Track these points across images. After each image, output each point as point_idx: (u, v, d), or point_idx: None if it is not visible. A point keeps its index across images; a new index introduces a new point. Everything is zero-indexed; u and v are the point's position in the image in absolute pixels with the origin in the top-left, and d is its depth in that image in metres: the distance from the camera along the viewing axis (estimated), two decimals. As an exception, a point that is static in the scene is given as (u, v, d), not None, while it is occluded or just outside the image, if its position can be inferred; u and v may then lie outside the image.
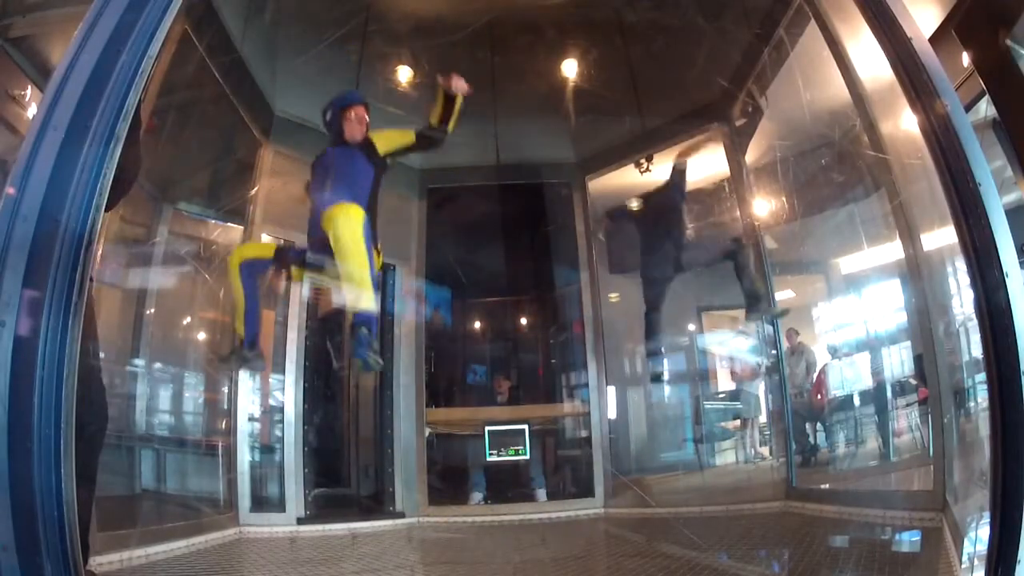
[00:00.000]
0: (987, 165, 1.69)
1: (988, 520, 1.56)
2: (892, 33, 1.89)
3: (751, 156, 4.68)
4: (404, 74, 4.60)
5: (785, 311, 4.31)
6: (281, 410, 4.25)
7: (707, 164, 5.11)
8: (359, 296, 2.38)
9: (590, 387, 4.90)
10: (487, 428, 4.62)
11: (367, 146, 2.87)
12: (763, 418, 5.34)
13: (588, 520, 4.42)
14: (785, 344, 4.58)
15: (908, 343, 4.00)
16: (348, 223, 2.38)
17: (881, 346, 4.43)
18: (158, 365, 4.05)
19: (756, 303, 3.88)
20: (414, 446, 4.61)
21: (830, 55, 3.26)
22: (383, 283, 4.55)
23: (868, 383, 4.68)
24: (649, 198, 4.30)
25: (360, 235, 2.40)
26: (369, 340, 2.43)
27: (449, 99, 2.89)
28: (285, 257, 2.80)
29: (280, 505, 4.07)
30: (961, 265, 1.76)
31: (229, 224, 4.38)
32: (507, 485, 4.74)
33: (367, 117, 2.91)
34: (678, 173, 4.03)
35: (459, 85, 2.88)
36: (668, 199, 4.15)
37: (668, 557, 3.14)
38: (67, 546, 1.26)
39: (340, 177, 2.72)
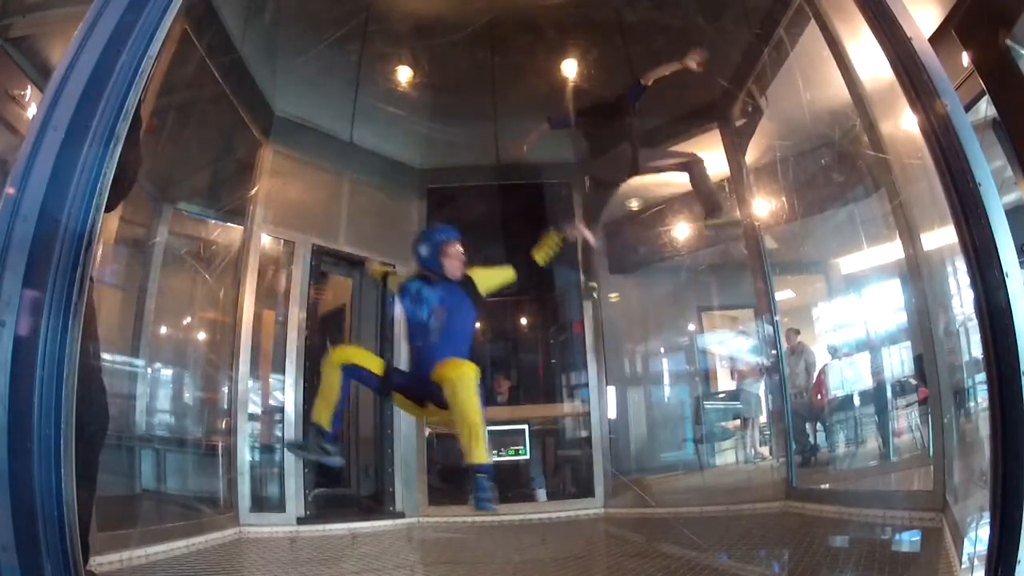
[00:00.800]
0: (987, 165, 1.69)
1: (988, 520, 1.56)
2: (892, 33, 1.89)
3: (751, 156, 4.68)
4: (404, 74, 4.61)
5: (739, 221, 4.16)
6: (281, 410, 4.25)
7: (707, 164, 5.10)
8: (476, 451, 2.58)
9: (590, 387, 4.91)
10: (487, 428, 4.61)
11: (468, 284, 2.90)
12: (763, 418, 5.34)
13: (588, 520, 4.42)
14: (784, 344, 4.58)
15: (908, 343, 4.00)
16: (464, 384, 2.52)
17: (881, 346, 4.43)
18: (158, 365, 4.05)
19: (713, 212, 3.74)
20: (414, 446, 4.61)
21: (830, 55, 3.25)
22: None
23: (868, 383, 4.68)
24: (599, 105, 3.99)
25: (476, 393, 2.54)
26: (488, 487, 2.61)
27: (558, 243, 3.10)
28: (390, 380, 2.82)
29: (280, 505, 4.07)
30: (961, 265, 1.76)
31: (229, 224, 4.38)
32: (507, 485, 4.74)
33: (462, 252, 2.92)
34: (638, 86, 3.76)
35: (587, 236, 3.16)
36: (619, 107, 3.78)
37: (668, 557, 3.14)
38: (67, 546, 1.26)
39: (449, 321, 2.79)
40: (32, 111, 2.92)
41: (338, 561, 3.42)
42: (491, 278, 2.99)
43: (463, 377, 2.52)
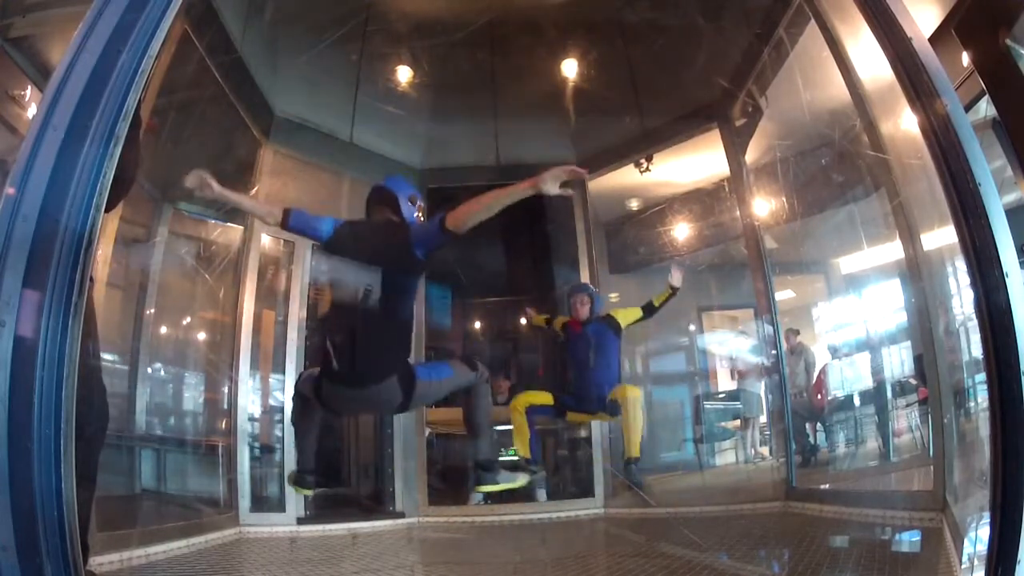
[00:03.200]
0: (987, 165, 1.69)
1: (988, 520, 1.56)
2: (892, 33, 1.88)
3: (751, 156, 4.68)
4: (404, 74, 4.60)
5: None
6: (281, 410, 4.25)
7: (707, 164, 5.11)
8: (634, 447, 3.49)
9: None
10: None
11: (611, 322, 3.80)
12: (763, 418, 5.34)
13: (588, 520, 4.42)
14: (784, 344, 4.58)
15: (908, 343, 4.00)
16: (637, 403, 3.51)
17: (881, 346, 4.43)
18: (158, 365, 4.05)
19: None
20: (414, 446, 4.61)
21: (830, 55, 3.25)
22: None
23: (868, 383, 4.68)
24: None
25: (642, 408, 3.58)
26: (637, 473, 3.62)
27: (674, 291, 3.82)
28: (562, 404, 3.69)
29: (280, 505, 4.07)
30: (961, 265, 1.76)
31: (229, 224, 4.37)
32: (507, 485, 4.73)
33: (589, 301, 3.83)
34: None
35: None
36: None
37: (668, 557, 3.14)
38: (67, 546, 1.25)
39: (605, 353, 3.72)
40: (32, 111, 2.91)
41: (338, 561, 3.42)
42: (629, 317, 3.87)
43: (636, 399, 3.53)
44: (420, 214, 2.63)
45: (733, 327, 5.87)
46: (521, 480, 2.99)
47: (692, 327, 5.92)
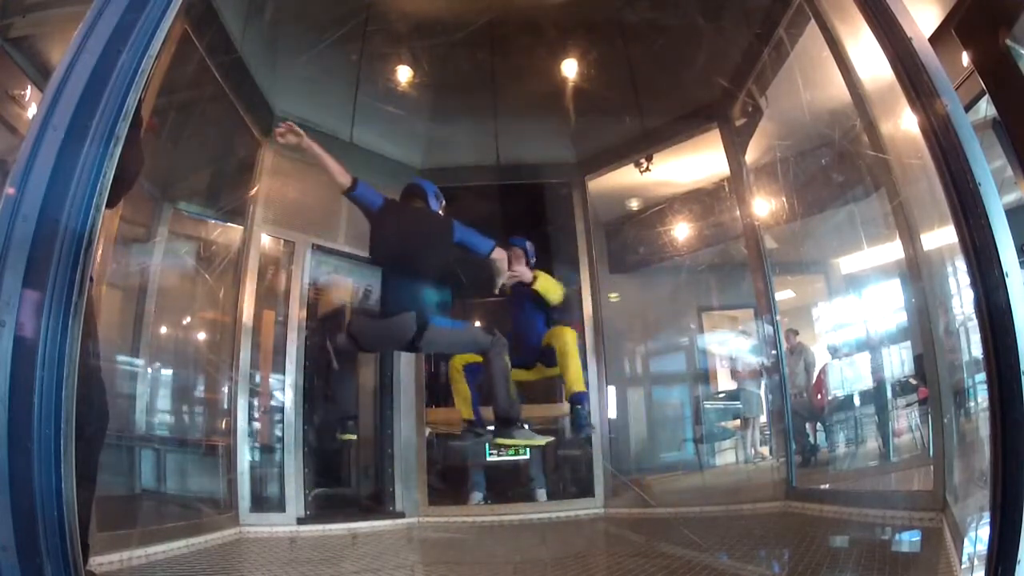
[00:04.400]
0: (987, 165, 1.69)
1: (988, 520, 1.56)
2: (892, 33, 1.89)
3: (751, 156, 4.68)
4: (404, 74, 4.61)
5: None
6: (281, 410, 4.25)
7: (707, 164, 5.11)
8: (576, 382, 3.38)
9: (590, 387, 4.89)
10: (487, 428, 4.62)
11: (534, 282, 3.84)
12: (763, 418, 5.34)
13: (588, 520, 4.42)
14: (784, 344, 4.58)
15: (908, 343, 4.00)
16: (568, 336, 3.45)
17: (881, 346, 4.44)
18: (158, 365, 4.05)
19: None
20: (414, 446, 4.61)
21: (830, 55, 3.25)
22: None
23: (868, 383, 4.68)
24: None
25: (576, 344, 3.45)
26: (585, 414, 3.40)
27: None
28: None
29: (280, 505, 4.07)
30: (961, 265, 1.76)
31: (229, 224, 4.37)
32: (507, 485, 4.74)
33: (523, 255, 3.82)
34: None
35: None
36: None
37: (668, 557, 3.14)
38: (67, 546, 1.25)
39: (540, 304, 3.69)
40: (32, 111, 2.91)
41: (338, 561, 3.42)
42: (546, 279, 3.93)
43: (571, 334, 3.47)
44: (441, 209, 3.34)
45: (733, 327, 5.87)
46: (539, 440, 3.16)
47: (692, 327, 5.92)
